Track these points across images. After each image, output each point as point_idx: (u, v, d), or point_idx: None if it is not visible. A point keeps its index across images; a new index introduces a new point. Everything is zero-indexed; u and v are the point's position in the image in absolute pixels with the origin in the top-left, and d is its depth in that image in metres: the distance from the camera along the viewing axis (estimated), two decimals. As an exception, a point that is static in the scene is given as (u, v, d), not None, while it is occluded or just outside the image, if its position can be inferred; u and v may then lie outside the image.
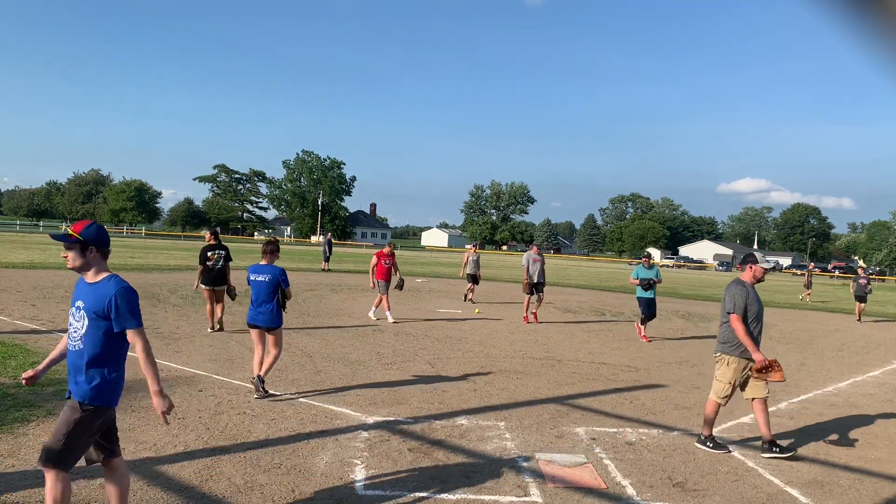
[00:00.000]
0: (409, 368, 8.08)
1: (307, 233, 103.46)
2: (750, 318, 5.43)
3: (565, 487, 4.42)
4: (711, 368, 9.63)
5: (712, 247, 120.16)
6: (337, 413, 5.89)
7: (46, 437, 4.72)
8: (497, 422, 5.95)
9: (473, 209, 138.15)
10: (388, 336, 10.62)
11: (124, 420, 5.25)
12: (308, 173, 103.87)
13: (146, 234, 77.02)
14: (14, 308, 11.06)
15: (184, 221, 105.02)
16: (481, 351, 9.61)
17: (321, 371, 7.63)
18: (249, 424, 5.37)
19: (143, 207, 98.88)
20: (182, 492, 3.95)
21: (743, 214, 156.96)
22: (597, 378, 8.23)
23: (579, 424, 6.02)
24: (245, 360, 7.97)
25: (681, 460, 5.16)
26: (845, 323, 18.10)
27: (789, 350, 11.88)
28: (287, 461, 4.59)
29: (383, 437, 5.27)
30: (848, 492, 4.68)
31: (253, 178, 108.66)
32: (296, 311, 12.96)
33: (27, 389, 5.89)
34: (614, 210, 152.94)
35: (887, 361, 11.31)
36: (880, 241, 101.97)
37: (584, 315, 15.93)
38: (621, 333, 12.83)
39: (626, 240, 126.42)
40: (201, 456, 4.57)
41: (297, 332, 10.31)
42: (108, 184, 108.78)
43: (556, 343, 11.03)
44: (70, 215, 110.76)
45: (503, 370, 8.36)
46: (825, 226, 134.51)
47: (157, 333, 9.45)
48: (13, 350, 7.54)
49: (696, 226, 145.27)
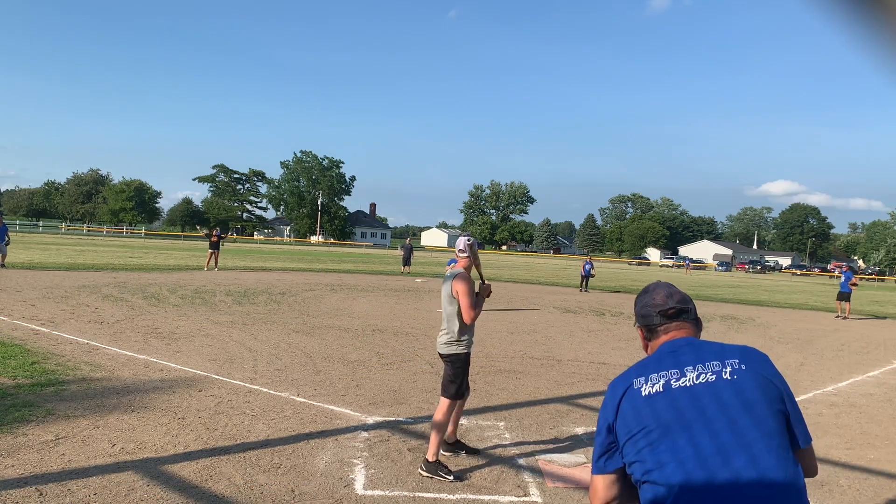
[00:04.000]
0: (409, 368, 8.08)
1: (306, 233, 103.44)
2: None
3: (565, 487, 4.42)
4: (711, 368, 9.62)
5: (712, 247, 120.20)
6: (337, 413, 5.89)
7: (46, 437, 4.73)
8: (497, 422, 5.95)
9: (473, 209, 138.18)
10: (388, 336, 10.62)
11: (124, 420, 5.25)
12: (306, 173, 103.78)
13: (146, 233, 77.02)
14: (14, 308, 11.06)
15: (183, 221, 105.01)
16: (481, 351, 9.61)
17: (321, 371, 7.63)
18: (249, 424, 5.37)
19: (143, 207, 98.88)
20: (182, 492, 3.95)
21: (742, 214, 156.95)
22: (597, 378, 8.24)
23: (579, 424, 6.03)
24: (245, 360, 7.97)
25: (681, 460, 5.15)
26: (845, 323, 18.12)
27: (789, 350, 11.88)
28: (287, 461, 4.59)
29: (383, 437, 5.27)
30: (848, 492, 4.68)
31: (252, 178, 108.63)
32: (295, 311, 12.97)
33: (27, 389, 5.90)
34: (614, 210, 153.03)
35: (887, 361, 11.32)
36: (879, 241, 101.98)
37: (583, 315, 15.94)
38: (621, 333, 12.83)
39: (626, 240, 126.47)
40: (201, 456, 4.57)
41: (296, 332, 10.31)
42: (107, 184, 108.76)
43: (556, 343, 11.03)
44: (70, 215, 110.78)
45: (503, 370, 8.36)
46: (825, 226, 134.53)
47: (157, 333, 9.45)
48: (13, 350, 7.54)
49: (696, 226, 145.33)
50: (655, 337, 1.98)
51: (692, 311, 2.00)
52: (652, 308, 1.99)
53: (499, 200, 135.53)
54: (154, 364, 7.41)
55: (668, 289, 2.02)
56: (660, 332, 1.97)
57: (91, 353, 7.74)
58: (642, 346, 2.08)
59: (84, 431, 4.90)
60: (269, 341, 9.36)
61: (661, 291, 2.02)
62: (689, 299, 2.04)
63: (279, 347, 8.94)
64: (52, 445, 4.57)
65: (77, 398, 5.75)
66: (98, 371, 6.84)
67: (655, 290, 2.04)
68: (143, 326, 10.00)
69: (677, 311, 1.96)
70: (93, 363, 7.21)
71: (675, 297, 1.99)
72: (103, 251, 32.75)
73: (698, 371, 1.76)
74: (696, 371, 1.76)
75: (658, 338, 1.97)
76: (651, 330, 2.00)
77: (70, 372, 6.69)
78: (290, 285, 19.00)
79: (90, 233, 75.26)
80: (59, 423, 5.03)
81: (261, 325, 10.81)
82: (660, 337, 1.96)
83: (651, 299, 2.01)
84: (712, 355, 1.80)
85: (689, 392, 1.72)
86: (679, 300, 1.99)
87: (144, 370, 7.05)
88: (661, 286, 2.05)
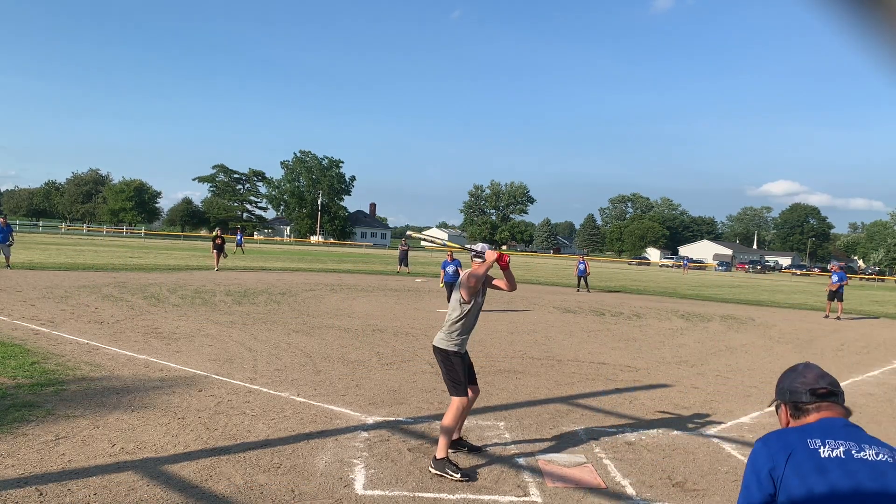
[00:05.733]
0: (409, 368, 8.08)
1: (306, 233, 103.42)
2: None
3: (565, 487, 4.42)
4: (710, 368, 9.66)
5: (712, 247, 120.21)
6: (337, 413, 5.89)
7: (46, 437, 4.73)
8: (497, 422, 5.95)
9: (473, 209, 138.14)
10: (388, 336, 10.62)
11: (124, 420, 5.25)
12: (306, 173, 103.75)
13: (146, 233, 77.03)
14: (14, 308, 11.06)
15: (183, 221, 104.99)
16: (481, 351, 9.61)
17: (321, 371, 7.63)
18: (249, 424, 5.37)
19: (143, 207, 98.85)
20: (182, 492, 3.95)
21: (742, 214, 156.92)
22: (596, 378, 8.24)
23: (579, 424, 6.03)
24: (245, 359, 7.97)
25: (680, 460, 5.16)
26: (845, 323, 18.12)
27: (789, 350, 11.88)
28: (287, 461, 4.59)
29: (383, 437, 5.27)
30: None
31: (252, 178, 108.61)
32: (295, 311, 12.97)
33: (27, 389, 5.90)
34: (614, 210, 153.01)
35: (887, 361, 11.32)
36: (879, 241, 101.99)
37: (583, 315, 15.94)
38: (621, 333, 12.84)
39: (626, 240, 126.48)
40: (201, 456, 4.57)
41: (296, 332, 10.31)
42: (107, 184, 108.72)
43: (555, 343, 11.03)
44: (69, 215, 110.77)
45: (503, 370, 8.36)
46: (825, 226, 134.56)
47: (157, 333, 9.45)
48: (13, 350, 7.54)
49: (696, 226, 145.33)
50: (804, 415, 1.99)
51: (842, 395, 2.02)
52: (802, 386, 2.00)
53: (499, 200, 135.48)
54: (154, 364, 7.41)
55: (818, 369, 2.04)
56: (810, 410, 1.98)
57: (91, 353, 7.74)
58: (782, 424, 2.09)
59: (84, 431, 4.91)
60: (269, 341, 9.37)
61: (812, 371, 2.03)
62: (838, 384, 2.04)
63: (279, 347, 8.94)
64: (52, 445, 4.57)
65: (77, 398, 5.75)
66: (98, 371, 6.84)
67: (806, 370, 2.05)
68: (143, 326, 10.00)
69: (829, 392, 1.98)
70: (93, 363, 7.21)
71: (827, 378, 2.00)
72: (103, 251, 32.74)
73: (876, 450, 1.83)
74: (875, 450, 1.83)
75: (807, 416, 1.98)
76: (799, 408, 2.01)
77: (70, 372, 6.69)
78: (290, 285, 19.00)
79: (90, 233, 75.26)
80: (59, 423, 5.04)
81: (261, 325, 10.82)
82: (809, 415, 1.98)
83: (802, 377, 2.02)
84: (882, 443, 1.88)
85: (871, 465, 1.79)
86: (830, 382, 2.00)
87: (144, 370, 7.05)
88: (810, 366, 2.06)
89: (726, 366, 9.82)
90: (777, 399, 2.09)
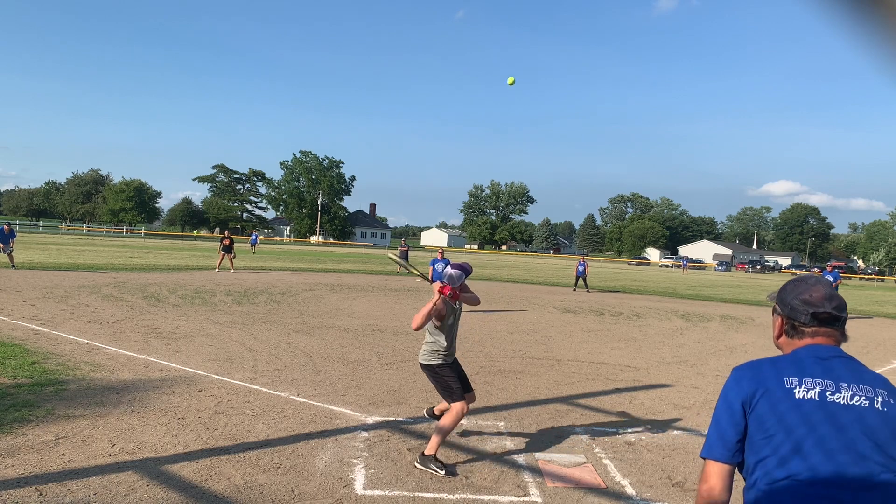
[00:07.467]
0: (409, 368, 8.08)
1: (306, 233, 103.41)
2: None
3: (565, 487, 4.42)
4: (710, 368, 9.66)
5: (712, 247, 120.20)
6: (336, 413, 5.89)
7: (46, 437, 4.73)
8: (497, 422, 5.95)
9: (473, 209, 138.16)
10: (388, 336, 10.62)
11: (124, 420, 5.25)
12: (306, 173, 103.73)
13: (146, 233, 77.02)
14: (14, 308, 11.06)
15: (183, 221, 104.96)
16: (481, 351, 9.61)
17: (321, 371, 7.63)
18: (249, 424, 5.37)
19: (143, 207, 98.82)
20: (182, 492, 3.95)
21: (742, 214, 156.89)
22: (596, 378, 8.24)
23: (579, 424, 6.03)
24: (245, 359, 7.97)
25: (680, 460, 5.16)
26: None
27: (789, 350, 11.88)
28: (287, 461, 4.59)
29: (383, 437, 5.27)
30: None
31: (252, 178, 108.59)
32: (295, 311, 12.97)
33: (27, 389, 5.90)
34: (614, 210, 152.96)
35: (887, 361, 11.32)
36: (879, 241, 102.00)
37: (583, 315, 15.94)
38: (621, 333, 12.84)
39: (626, 240, 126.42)
40: (201, 456, 4.57)
41: (296, 332, 10.31)
42: (107, 184, 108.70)
43: (555, 343, 11.04)
44: (70, 215, 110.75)
45: (503, 370, 8.36)
46: (825, 226, 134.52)
47: (157, 333, 9.45)
48: (13, 350, 7.54)
49: (696, 226, 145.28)
50: (798, 336, 1.87)
51: (844, 321, 1.87)
52: (806, 305, 1.85)
53: (499, 200, 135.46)
54: (154, 364, 7.41)
55: (827, 288, 1.87)
56: (805, 333, 1.86)
57: (91, 353, 7.74)
58: (774, 333, 1.96)
59: (84, 431, 4.91)
60: (268, 341, 9.37)
61: (820, 290, 1.86)
62: (846, 307, 1.88)
63: (279, 347, 8.94)
64: (52, 445, 4.57)
65: (77, 398, 5.76)
66: (98, 371, 6.84)
67: (816, 285, 1.88)
68: (142, 326, 10.00)
69: (831, 318, 1.83)
70: (93, 363, 7.21)
71: (834, 301, 1.84)
72: (103, 251, 32.74)
73: (853, 391, 1.74)
74: (851, 391, 1.74)
75: (801, 339, 1.86)
76: (795, 328, 1.88)
77: (70, 372, 6.69)
78: (290, 285, 19.00)
79: (90, 233, 75.24)
80: (59, 423, 5.04)
81: (261, 325, 10.82)
82: (803, 339, 1.86)
83: (808, 295, 1.86)
84: (864, 379, 1.77)
85: (845, 409, 1.71)
86: (836, 306, 1.84)
87: (144, 370, 7.05)
88: (822, 282, 1.90)
89: (726, 366, 9.81)
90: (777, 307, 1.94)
